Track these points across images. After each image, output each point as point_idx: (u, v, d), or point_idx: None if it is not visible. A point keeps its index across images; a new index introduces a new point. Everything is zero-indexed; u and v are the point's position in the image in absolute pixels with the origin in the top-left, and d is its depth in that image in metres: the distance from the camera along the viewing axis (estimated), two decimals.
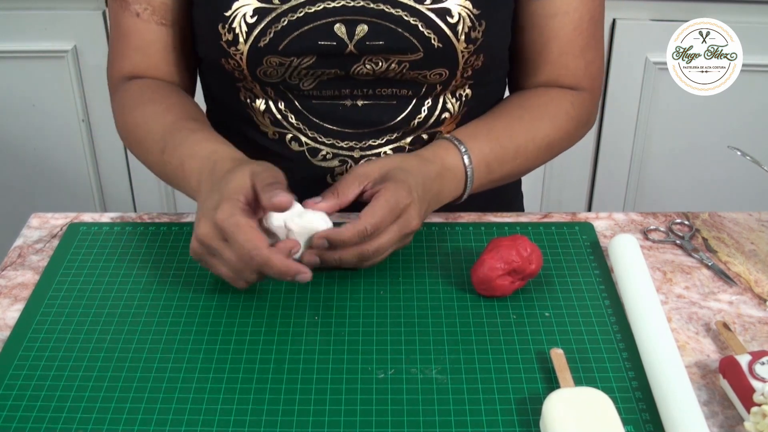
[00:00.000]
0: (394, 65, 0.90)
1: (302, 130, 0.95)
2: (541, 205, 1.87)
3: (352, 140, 0.95)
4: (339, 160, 0.96)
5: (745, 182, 1.73)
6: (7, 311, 0.81)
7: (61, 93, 1.75)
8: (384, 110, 0.94)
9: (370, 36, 0.88)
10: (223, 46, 0.89)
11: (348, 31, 0.88)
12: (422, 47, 0.88)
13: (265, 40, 0.87)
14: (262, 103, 0.94)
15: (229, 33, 0.88)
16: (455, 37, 0.88)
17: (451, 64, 0.91)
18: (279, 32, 0.87)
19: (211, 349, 0.76)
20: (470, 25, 0.88)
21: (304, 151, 0.96)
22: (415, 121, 0.95)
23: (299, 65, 0.89)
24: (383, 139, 0.95)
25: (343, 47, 0.88)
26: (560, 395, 0.68)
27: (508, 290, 0.81)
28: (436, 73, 0.91)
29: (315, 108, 0.94)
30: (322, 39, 0.88)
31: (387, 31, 0.88)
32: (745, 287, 0.84)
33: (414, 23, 0.87)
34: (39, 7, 1.68)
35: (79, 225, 0.93)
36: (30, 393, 0.72)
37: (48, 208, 0.99)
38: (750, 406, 0.67)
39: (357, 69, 0.90)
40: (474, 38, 0.89)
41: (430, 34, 0.88)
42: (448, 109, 0.96)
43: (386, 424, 0.69)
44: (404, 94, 0.94)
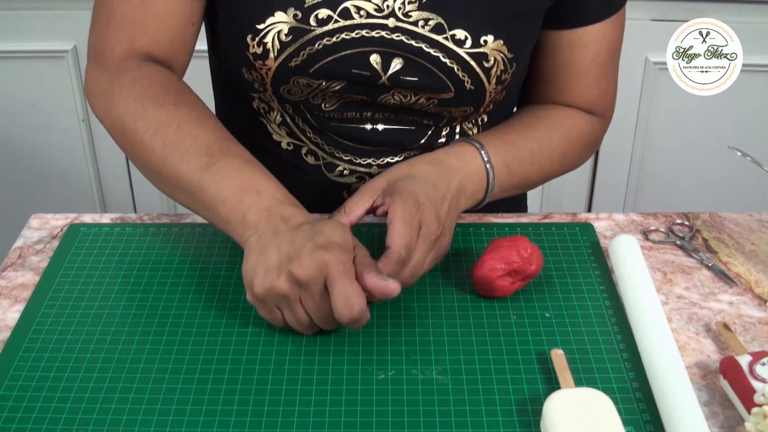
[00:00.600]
0: (423, 100, 0.89)
1: (320, 144, 0.94)
2: (542, 206, 1.87)
3: (370, 157, 0.95)
4: (356, 176, 0.95)
5: (745, 182, 1.73)
6: (8, 312, 0.81)
7: (61, 93, 1.75)
8: (403, 134, 0.94)
9: (405, 71, 0.87)
10: (249, 58, 0.86)
11: (383, 63, 0.86)
12: (454, 88, 0.88)
13: (297, 61, 0.85)
14: (277, 116, 0.93)
15: (259, 47, 0.85)
16: (487, 80, 0.88)
17: (478, 102, 0.91)
18: (313, 54, 0.85)
19: (212, 350, 0.76)
20: (503, 69, 0.88)
21: (320, 165, 0.95)
22: (435, 145, 0.95)
23: (327, 88, 0.88)
24: (401, 156, 0.95)
25: (377, 78, 0.87)
26: (561, 396, 0.68)
27: (508, 291, 0.81)
28: (462, 109, 0.92)
29: (334, 128, 0.93)
30: (356, 67, 0.86)
31: (422, 69, 0.87)
32: (745, 288, 0.84)
33: (450, 65, 0.86)
34: (39, 7, 1.68)
35: (79, 226, 0.93)
36: (30, 394, 0.72)
37: (48, 208, 0.99)
38: (750, 407, 0.67)
39: (385, 99, 0.89)
40: (504, 80, 0.90)
41: (464, 77, 0.87)
42: (466, 133, 0.96)
43: (387, 425, 0.69)
44: (425, 123, 0.94)
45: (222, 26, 0.89)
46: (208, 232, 0.91)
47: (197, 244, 0.89)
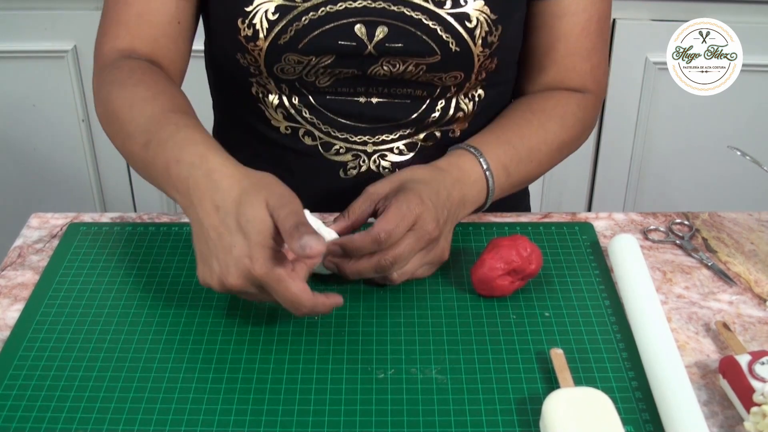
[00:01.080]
0: (411, 67, 0.90)
1: (316, 124, 0.95)
2: (541, 205, 1.87)
3: (365, 135, 0.96)
4: (352, 154, 0.96)
5: (745, 182, 1.73)
6: (7, 311, 0.81)
7: (61, 93, 1.75)
8: (398, 108, 0.95)
9: (390, 38, 0.88)
10: (241, 41, 0.88)
11: (368, 32, 0.88)
12: (440, 51, 0.89)
13: (286, 38, 0.87)
14: (275, 98, 0.94)
15: (249, 28, 0.87)
16: (472, 41, 0.89)
17: (467, 67, 0.91)
18: (300, 30, 0.87)
19: (211, 349, 0.76)
20: (487, 30, 0.89)
21: (317, 145, 0.96)
22: (429, 119, 0.96)
23: (318, 64, 0.89)
24: (396, 134, 0.96)
25: (363, 48, 0.88)
26: (560, 395, 0.68)
27: (507, 290, 0.81)
28: (452, 75, 0.92)
29: (329, 104, 0.94)
30: (342, 39, 0.88)
31: (406, 34, 0.88)
32: (744, 287, 0.84)
33: (433, 27, 0.88)
34: (39, 7, 1.68)
35: (79, 225, 0.93)
36: (30, 393, 0.72)
37: (48, 208, 0.99)
38: (750, 406, 0.67)
39: (374, 70, 0.90)
40: (490, 42, 0.90)
41: (448, 38, 0.88)
42: (461, 108, 0.96)
43: (386, 424, 0.69)
44: (419, 95, 0.94)
45: (214, 15, 0.92)
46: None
47: None
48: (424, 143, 0.97)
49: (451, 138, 0.98)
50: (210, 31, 0.94)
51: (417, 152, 0.97)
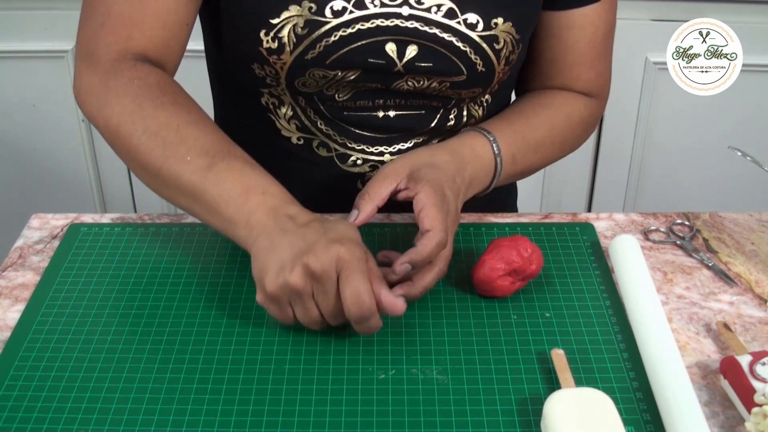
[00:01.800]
0: (435, 84, 0.91)
1: (331, 136, 0.94)
2: (542, 206, 1.87)
3: (382, 145, 0.95)
4: (369, 165, 0.96)
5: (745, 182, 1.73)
6: (8, 312, 0.81)
7: (61, 93, 1.75)
8: (413, 119, 0.95)
9: (420, 57, 0.88)
10: (262, 53, 0.86)
11: (398, 50, 0.88)
12: (467, 70, 0.90)
13: (314, 53, 0.86)
14: (288, 110, 0.93)
15: (274, 41, 0.85)
16: (497, 61, 0.90)
17: (488, 83, 0.93)
18: (329, 46, 0.86)
19: (212, 350, 0.76)
20: (511, 50, 0.90)
21: (332, 156, 0.96)
22: (444, 127, 0.96)
23: (343, 78, 0.89)
24: (412, 142, 0.96)
25: (392, 66, 0.88)
26: (561, 396, 0.68)
27: (508, 291, 0.81)
28: (472, 90, 0.93)
29: (346, 118, 0.94)
30: (372, 56, 0.87)
31: (436, 54, 0.88)
32: (745, 287, 0.84)
33: (464, 49, 0.88)
34: (39, 7, 1.68)
35: (79, 226, 0.93)
36: (31, 394, 0.72)
37: (48, 208, 0.98)
38: (751, 407, 0.67)
39: (398, 85, 0.90)
40: (511, 60, 0.92)
41: (477, 59, 0.89)
42: (473, 115, 0.97)
43: (387, 425, 0.69)
44: (434, 105, 0.95)
45: (229, 23, 0.88)
46: (209, 232, 0.91)
47: (197, 244, 0.89)
48: None
49: None
50: (221, 41, 0.91)
51: None
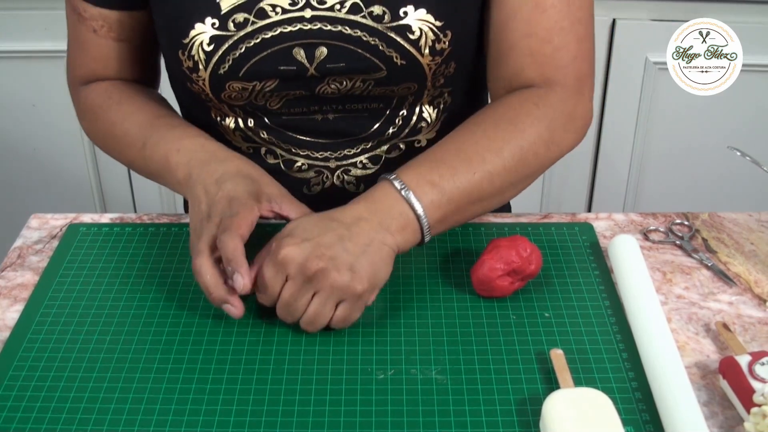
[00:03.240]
0: (359, 83, 0.88)
1: (275, 143, 0.94)
2: (541, 206, 1.87)
3: (326, 151, 0.94)
4: (315, 171, 0.95)
5: (745, 182, 1.73)
6: (7, 312, 0.81)
7: (61, 93, 1.74)
8: (356, 122, 0.92)
9: (330, 58, 0.86)
10: (185, 72, 0.87)
11: (307, 54, 0.86)
12: (384, 66, 0.86)
13: (225, 67, 0.86)
14: (231, 121, 0.93)
15: (189, 60, 0.86)
16: (418, 52, 0.85)
17: (419, 77, 0.88)
18: (237, 59, 0.85)
19: (211, 350, 0.76)
20: (434, 38, 0.85)
21: (279, 162, 0.95)
22: (390, 130, 0.93)
23: (262, 89, 0.88)
24: (358, 148, 0.94)
25: (304, 71, 0.86)
26: (560, 396, 0.68)
27: (507, 291, 0.81)
28: (404, 87, 0.89)
29: (286, 123, 0.93)
30: (282, 64, 0.86)
31: (347, 53, 0.85)
32: (744, 288, 0.84)
33: (374, 43, 0.85)
34: (39, 7, 1.68)
35: (78, 226, 0.93)
36: (30, 393, 0.72)
37: (48, 208, 0.99)
38: (750, 407, 0.67)
39: (322, 89, 0.88)
40: (440, 50, 0.86)
41: (391, 52, 0.85)
42: (424, 118, 0.93)
43: (386, 425, 0.69)
44: (375, 107, 0.92)
45: (162, 46, 0.92)
46: None
47: None
48: (388, 155, 0.95)
49: (416, 148, 0.95)
50: (164, 60, 0.95)
51: (382, 165, 0.95)
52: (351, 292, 0.74)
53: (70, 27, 0.95)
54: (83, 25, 0.92)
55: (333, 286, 0.74)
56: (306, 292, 0.75)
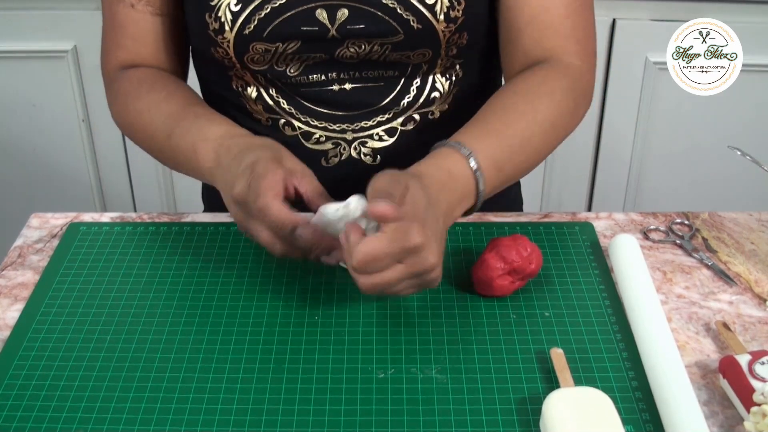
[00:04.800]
0: (377, 47, 0.91)
1: (294, 114, 0.96)
2: (541, 205, 1.87)
3: (344, 123, 0.96)
4: (332, 142, 0.97)
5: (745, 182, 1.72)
6: (7, 311, 0.81)
7: (61, 93, 1.75)
8: (372, 92, 0.95)
9: (351, 20, 0.89)
10: (211, 35, 0.90)
11: (329, 15, 0.89)
12: (402, 29, 0.89)
13: (250, 27, 0.89)
14: (253, 91, 0.96)
15: (216, 22, 0.89)
16: (434, 17, 0.89)
17: (434, 44, 0.91)
18: (263, 19, 0.89)
19: (212, 349, 0.76)
20: (448, 5, 0.88)
21: (297, 135, 0.97)
22: (405, 101, 0.96)
23: (285, 51, 0.91)
24: (374, 120, 0.96)
25: (326, 32, 0.89)
26: (560, 395, 0.68)
27: (508, 290, 0.81)
28: (419, 53, 0.92)
29: (305, 94, 0.95)
30: (304, 24, 0.89)
31: (367, 15, 0.89)
32: (745, 287, 0.84)
33: (392, 6, 0.88)
34: (39, 7, 1.68)
35: (79, 225, 0.93)
36: (30, 393, 0.72)
37: (48, 208, 0.99)
38: (750, 406, 0.67)
39: (341, 52, 0.91)
40: (454, 17, 0.89)
41: (408, 16, 0.88)
42: (437, 88, 0.96)
43: (386, 424, 0.69)
44: (390, 75, 0.94)
45: (187, 13, 0.94)
46: (208, 231, 0.91)
47: (197, 243, 0.90)
48: (403, 127, 0.97)
49: (430, 120, 0.97)
50: (188, 30, 0.97)
51: (398, 137, 0.97)
52: (431, 284, 0.75)
53: (105, 9, 0.97)
54: (120, 2, 0.95)
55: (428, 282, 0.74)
56: (411, 284, 0.73)
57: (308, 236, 0.76)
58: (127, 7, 0.95)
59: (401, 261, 0.71)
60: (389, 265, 0.71)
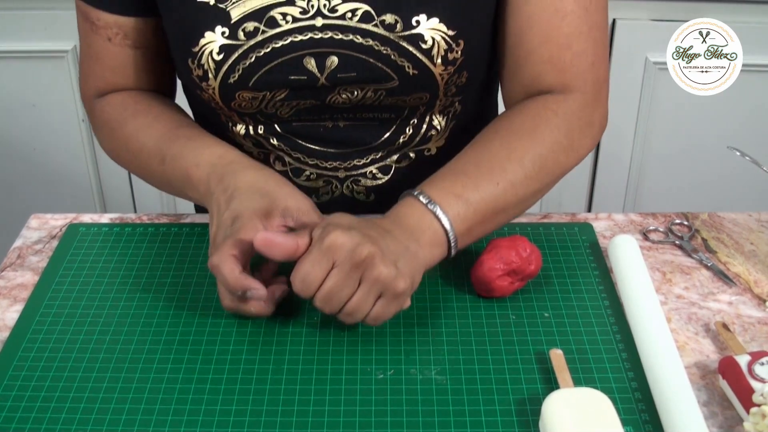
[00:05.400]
0: (371, 93, 0.87)
1: (285, 150, 0.93)
2: (541, 206, 1.87)
3: (336, 160, 0.93)
4: (323, 180, 0.94)
5: (745, 182, 1.72)
6: (7, 312, 0.81)
7: (61, 93, 1.75)
8: (367, 131, 0.92)
9: (341, 68, 0.85)
10: (195, 80, 0.87)
11: (318, 64, 0.84)
12: (396, 75, 0.85)
13: (234, 77, 0.85)
14: (242, 128, 0.92)
15: (199, 69, 0.85)
16: (431, 62, 0.84)
17: (431, 87, 0.87)
18: (247, 68, 0.84)
19: (211, 350, 0.76)
20: (446, 48, 0.84)
21: (287, 171, 0.94)
22: (400, 140, 0.93)
23: (273, 98, 0.87)
24: (368, 158, 0.93)
25: (315, 80, 0.85)
26: (559, 396, 0.68)
27: (507, 291, 0.81)
28: (416, 97, 0.88)
29: (296, 130, 0.92)
30: (292, 73, 0.85)
31: (358, 62, 0.84)
32: (744, 288, 0.84)
33: (386, 53, 0.84)
34: (39, 7, 1.68)
35: (78, 226, 0.93)
36: (29, 393, 0.72)
37: (48, 208, 0.99)
38: (749, 407, 0.67)
39: (332, 98, 0.87)
40: (452, 59, 0.85)
41: (403, 62, 0.84)
42: (434, 126, 0.92)
43: (385, 425, 0.69)
44: (386, 117, 0.91)
45: (173, 54, 0.90)
46: (208, 232, 0.91)
47: (197, 244, 0.90)
48: (398, 165, 0.94)
49: (426, 157, 0.95)
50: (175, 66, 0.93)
51: (392, 175, 0.95)
52: (393, 288, 0.72)
53: (82, 38, 0.92)
54: (96, 34, 0.90)
55: (378, 278, 0.71)
56: (352, 281, 0.72)
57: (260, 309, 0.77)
58: (104, 40, 0.90)
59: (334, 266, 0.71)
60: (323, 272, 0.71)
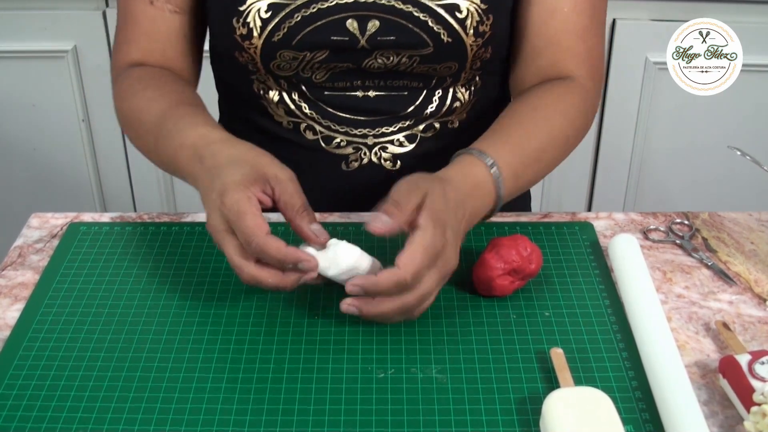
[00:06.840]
0: (405, 59, 0.92)
1: (316, 119, 0.96)
2: (541, 205, 1.87)
3: (365, 128, 0.97)
4: (353, 147, 0.98)
5: (745, 182, 1.73)
6: (7, 311, 0.81)
7: (61, 93, 1.75)
8: (395, 100, 0.96)
9: (382, 31, 0.89)
10: (237, 40, 0.90)
11: (360, 26, 0.89)
12: (432, 42, 0.90)
13: (279, 35, 0.89)
14: (275, 95, 0.96)
15: (243, 27, 0.89)
16: (464, 31, 0.90)
17: (461, 57, 0.92)
18: (293, 27, 0.89)
19: (212, 349, 0.76)
20: (478, 20, 0.90)
21: (318, 139, 0.98)
22: (427, 110, 0.97)
23: (312, 59, 0.91)
24: (396, 126, 0.97)
25: (356, 42, 0.90)
26: (560, 395, 0.68)
27: (508, 290, 0.81)
28: (446, 66, 0.93)
29: (328, 99, 0.96)
30: (334, 34, 0.89)
31: (398, 27, 0.89)
32: (744, 287, 0.84)
33: (424, 19, 0.89)
34: (39, 7, 1.68)
35: (79, 225, 0.93)
36: (30, 393, 0.72)
37: (48, 208, 0.99)
38: (749, 406, 0.67)
39: (369, 63, 0.92)
40: (482, 32, 0.91)
41: (439, 29, 0.89)
42: (458, 98, 0.97)
43: (386, 424, 0.69)
44: (415, 86, 0.95)
45: (212, 15, 0.93)
46: None
47: (197, 243, 0.90)
48: (423, 135, 0.98)
49: (450, 128, 0.99)
50: (211, 31, 0.96)
51: (417, 144, 0.99)
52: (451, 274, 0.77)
53: (121, 3, 0.96)
54: None
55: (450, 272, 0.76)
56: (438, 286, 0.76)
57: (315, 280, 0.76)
58: (145, 3, 0.94)
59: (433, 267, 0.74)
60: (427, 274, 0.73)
